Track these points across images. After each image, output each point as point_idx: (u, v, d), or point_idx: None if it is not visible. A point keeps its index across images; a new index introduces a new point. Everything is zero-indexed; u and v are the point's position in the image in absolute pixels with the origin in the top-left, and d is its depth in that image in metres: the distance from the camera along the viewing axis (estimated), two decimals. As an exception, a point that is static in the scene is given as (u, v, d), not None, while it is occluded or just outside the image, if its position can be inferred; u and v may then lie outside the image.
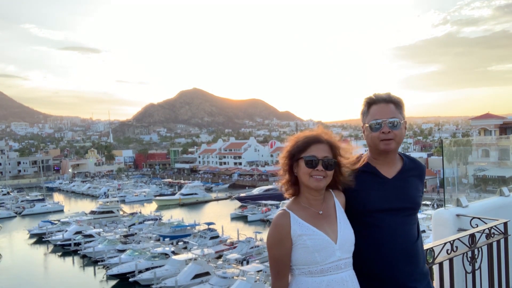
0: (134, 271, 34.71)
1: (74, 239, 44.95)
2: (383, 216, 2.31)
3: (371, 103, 2.39)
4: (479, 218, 3.49)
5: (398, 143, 2.36)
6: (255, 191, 74.59)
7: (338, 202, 2.27)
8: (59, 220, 55.16)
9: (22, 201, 76.17)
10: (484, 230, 3.28)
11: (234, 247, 40.16)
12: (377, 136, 2.33)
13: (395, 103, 2.37)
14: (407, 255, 2.32)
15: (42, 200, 76.30)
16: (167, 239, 44.37)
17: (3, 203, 75.62)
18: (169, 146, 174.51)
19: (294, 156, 2.18)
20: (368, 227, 2.30)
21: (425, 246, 2.81)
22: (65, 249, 44.65)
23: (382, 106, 2.35)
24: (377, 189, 2.34)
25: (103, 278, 36.20)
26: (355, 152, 2.40)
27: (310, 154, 2.14)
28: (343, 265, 2.12)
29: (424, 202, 52.26)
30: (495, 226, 3.37)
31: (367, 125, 2.37)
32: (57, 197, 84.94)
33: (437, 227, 3.75)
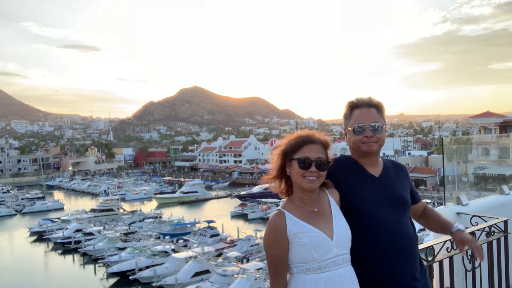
0: (134, 269, 34.72)
1: (74, 237, 44.92)
2: (377, 215, 2.34)
3: (353, 107, 2.46)
4: (479, 216, 3.49)
5: (380, 145, 2.43)
6: (255, 189, 74.54)
7: (332, 199, 2.28)
8: (59, 218, 55.14)
9: (22, 199, 76.18)
10: (484, 228, 3.28)
11: (234, 245, 40.16)
12: (359, 139, 2.39)
13: (377, 107, 2.45)
14: (404, 253, 2.34)
15: (42, 198, 76.32)
16: (167, 237, 44.37)
17: (3, 201, 75.69)
18: (169, 144, 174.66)
19: (286, 156, 2.19)
20: (363, 226, 2.31)
21: (425, 244, 2.82)
22: (65, 247, 44.63)
23: (364, 110, 2.42)
24: (368, 188, 2.38)
25: (103, 276, 36.20)
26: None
27: (303, 155, 2.14)
28: (341, 261, 2.12)
29: (424, 200, 52.43)
30: (495, 224, 3.37)
31: (350, 128, 2.43)
32: (57, 195, 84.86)
33: (437, 225, 3.75)
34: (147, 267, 34.96)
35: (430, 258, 2.79)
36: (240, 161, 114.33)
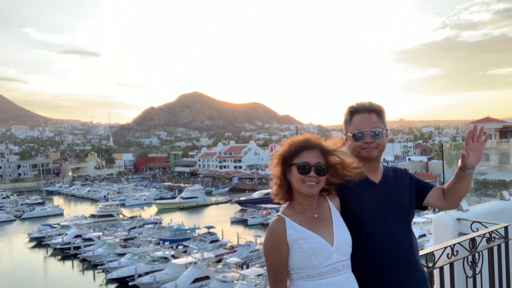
0: (133, 275, 34.61)
1: (74, 243, 44.81)
2: (376, 221, 2.33)
3: (353, 112, 2.44)
4: (479, 222, 3.48)
5: (381, 151, 2.42)
6: (255, 194, 74.52)
7: (332, 205, 2.27)
8: (59, 224, 55.04)
9: (22, 204, 76.10)
10: (484, 234, 3.27)
11: (234, 251, 40.06)
12: (359, 145, 2.38)
13: (377, 112, 2.43)
14: (403, 259, 2.33)
15: (42, 203, 76.26)
16: (167, 243, 44.28)
17: (3, 206, 75.53)
18: (169, 150, 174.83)
19: (286, 162, 2.17)
20: (362, 232, 2.30)
21: (426, 250, 2.81)
22: (65, 253, 44.54)
23: (364, 116, 2.40)
24: (368, 194, 2.37)
25: (103, 282, 36.08)
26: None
27: (302, 160, 2.13)
28: (341, 267, 2.11)
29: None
30: (495, 230, 3.36)
31: (350, 134, 2.42)
32: (57, 201, 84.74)
33: (437, 231, 3.75)
34: (147, 273, 34.85)
35: (430, 264, 2.78)
36: (240, 167, 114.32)
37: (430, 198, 2.50)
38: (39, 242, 49.46)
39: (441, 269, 2.91)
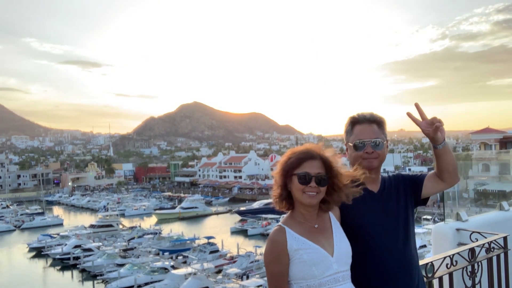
0: (133, 286, 34.47)
1: (73, 253, 44.70)
2: (375, 231, 2.35)
3: (355, 122, 2.48)
4: (479, 233, 3.49)
5: (381, 161, 2.44)
6: (255, 205, 74.27)
7: (333, 215, 2.29)
8: (58, 234, 54.90)
9: (21, 214, 75.92)
10: (484, 244, 3.28)
11: (234, 262, 39.90)
12: (360, 155, 2.41)
13: (378, 123, 2.46)
14: (403, 269, 2.34)
15: (42, 213, 76.00)
16: (166, 253, 44.12)
17: (3, 216, 75.31)
18: (169, 160, 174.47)
19: (287, 172, 2.19)
20: (361, 242, 2.32)
21: (425, 261, 2.82)
22: (64, 263, 44.39)
23: (365, 126, 2.44)
24: (367, 204, 2.39)
25: (102, 292, 35.94)
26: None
27: (303, 171, 2.15)
28: (341, 278, 2.12)
29: (424, 217, 52.07)
30: (495, 240, 3.37)
31: (350, 144, 2.45)
32: (57, 211, 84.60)
33: (437, 241, 3.76)
34: (146, 284, 34.75)
35: (430, 275, 2.79)
36: (240, 177, 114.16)
37: (427, 188, 2.52)
38: (38, 252, 49.29)
39: (441, 279, 2.92)
